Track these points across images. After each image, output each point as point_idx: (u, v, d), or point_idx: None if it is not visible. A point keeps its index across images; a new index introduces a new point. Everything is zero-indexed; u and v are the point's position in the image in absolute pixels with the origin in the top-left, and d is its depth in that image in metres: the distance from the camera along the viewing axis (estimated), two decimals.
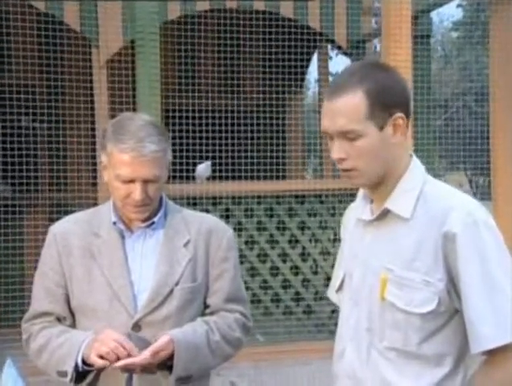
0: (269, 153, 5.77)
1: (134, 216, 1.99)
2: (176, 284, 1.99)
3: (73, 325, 2.05)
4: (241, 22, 5.14)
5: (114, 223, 2.02)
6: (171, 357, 1.89)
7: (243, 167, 5.10)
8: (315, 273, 5.22)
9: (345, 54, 5.73)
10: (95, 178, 5.17)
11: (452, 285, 1.61)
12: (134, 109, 5.04)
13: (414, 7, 4.09)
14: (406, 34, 3.63)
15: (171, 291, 1.98)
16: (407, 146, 1.79)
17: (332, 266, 5.01)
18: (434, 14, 28.53)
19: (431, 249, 1.61)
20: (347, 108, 1.61)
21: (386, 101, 1.63)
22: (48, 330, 2.02)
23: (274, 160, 5.64)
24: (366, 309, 1.69)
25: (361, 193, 1.85)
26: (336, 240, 5.16)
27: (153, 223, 2.03)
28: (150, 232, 2.04)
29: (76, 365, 1.90)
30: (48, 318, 2.04)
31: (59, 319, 2.04)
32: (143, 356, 1.83)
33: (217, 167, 5.19)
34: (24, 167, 5.08)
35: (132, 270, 2.00)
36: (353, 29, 5.29)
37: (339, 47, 5.55)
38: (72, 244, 2.03)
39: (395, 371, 1.65)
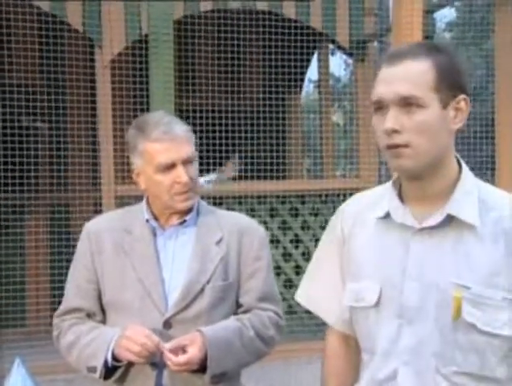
0: (269, 153, 5.79)
1: (182, 205, 1.98)
2: (208, 282, 1.99)
3: (103, 321, 2.06)
4: (242, 22, 5.16)
5: (147, 220, 2.03)
6: (203, 358, 1.88)
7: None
8: None
9: (347, 54, 5.75)
10: (96, 178, 5.17)
11: None
12: (138, 109, 5.05)
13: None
14: (418, 29, 3.64)
15: (202, 289, 1.98)
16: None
17: None
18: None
19: None
20: (413, 73, 1.44)
21: (454, 80, 1.47)
22: (78, 326, 2.03)
23: (274, 160, 5.66)
24: (432, 330, 1.47)
25: (380, 189, 1.67)
26: None
27: (185, 220, 2.03)
28: (182, 229, 2.04)
29: (106, 361, 1.91)
30: (78, 314, 2.06)
31: (89, 315, 2.05)
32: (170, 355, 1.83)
33: (219, 167, 5.22)
34: (25, 167, 5.07)
35: (163, 267, 2.00)
36: (354, 29, 5.31)
37: (341, 48, 5.57)
38: (104, 241, 2.04)
39: None
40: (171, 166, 1.94)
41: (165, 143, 1.93)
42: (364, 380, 1.61)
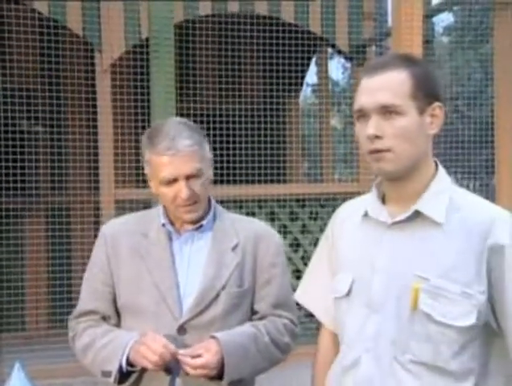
0: (268, 158, 5.80)
1: (187, 217, 1.99)
2: (223, 288, 1.97)
3: (118, 324, 2.06)
4: (242, 26, 5.17)
5: (163, 224, 2.03)
6: (220, 364, 1.87)
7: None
8: None
9: (346, 58, 5.77)
10: (96, 182, 5.17)
11: (490, 299, 1.54)
12: (138, 113, 5.06)
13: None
14: (417, 33, 3.66)
15: (217, 295, 1.97)
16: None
17: None
18: None
19: (473, 260, 1.53)
20: (391, 83, 1.56)
21: (429, 88, 1.59)
22: (93, 329, 2.03)
23: (274, 164, 5.67)
24: (391, 318, 1.58)
25: (368, 194, 1.76)
26: None
27: (201, 226, 2.03)
28: (198, 234, 2.03)
29: (121, 366, 1.91)
30: (94, 317, 2.06)
31: (104, 318, 2.06)
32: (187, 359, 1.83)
33: (219, 171, 5.22)
34: (26, 171, 5.08)
35: (179, 272, 1.99)
36: (354, 34, 5.32)
37: (340, 52, 5.58)
38: (120, 245, 2.05)
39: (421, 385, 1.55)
40: (173, 181, 1.94)
41: (167, 158, 1.93)
42: (333, 367, 1.73)
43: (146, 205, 4.78)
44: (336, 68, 19.35)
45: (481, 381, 1.58)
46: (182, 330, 1.95)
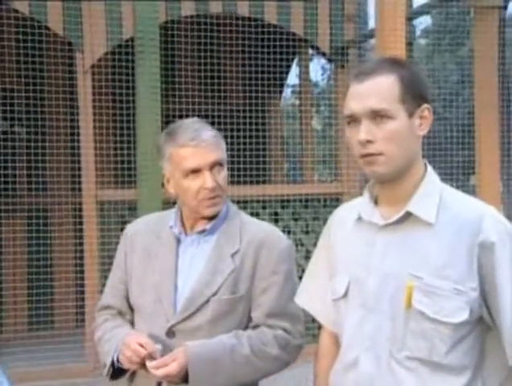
0: (248, 159, 5.80)
1: (209, 211, 1.99)
2: (214, 294, 1.96)
3: (133, 320, 2.11)
4: (223, 28, 5.17)
5: (171, 226, 2.05)
6: (186, 373, 1.89)
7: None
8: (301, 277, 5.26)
9: (328, 60, 5.80)
10: (76, 182, 5.13)
11: (483, 294, 1.58)
12: (119, 114, 5.02)
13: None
14: (401, 36, 3.70)
15: (207, 301, 1.96)
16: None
17: None
18: None
19: (464, 258, 1.57)
20: (380, 88, 1.59)
21: (417, 91, 1.62)
22: (106, 323, 2.10)
23: (254, 165, 5.67)
24: (387, 317, 1.62)
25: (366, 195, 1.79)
26: None
27: (204, 230, 2.03)
28: (203, 237, 2.03)
29: (113, 362, 1.97)
30: (111, 311, 2.13)
31: (120, 313, 2.12)
32: (152, 364, 1.86)
33: None
34: (2, 172, 5.02)
35: (180, 275, 2.00)
36: (335, 35, 5.35)
37: (322, 53, 5.61)
38: (136, 244, 2.09)
39: (418, 381, 1.59)
40: (197, 171, 1.95)
41: (191, 148, 1.94)
42: (335, 367, 1.76)
43: (130, 206, 4.76)
44: (316, 70, 19.42)
45: (476, 375, 1.62)
46: (171, 333, 1.96)
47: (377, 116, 1.59)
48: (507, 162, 5.33)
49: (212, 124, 2.14)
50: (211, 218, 2.02)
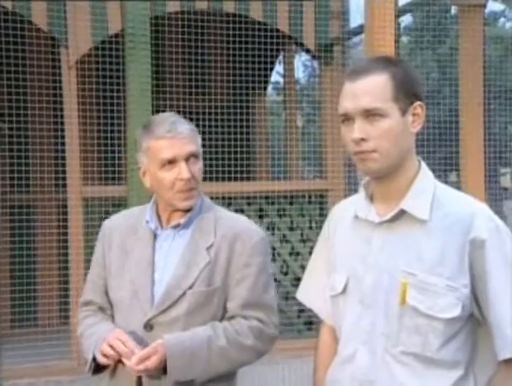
0: (233, 155, 5.80)
1: (183, 204, 2.02)
2: (190, 287, 2.00)
3: (113, 315, 2.12)
4: (206, 24, 5.15)
5: (147, 221, 2.07)
6: (164, 365, 1.92)
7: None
8: (286, 273, 5.28)
9: (313, 57, 5.80)
10: (60, 179, 5.09)
11: (473, 291, 1.62)
12: (104, 110, 5.00)
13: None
14: (390, 33, 3.73)
15: (184, 294, 2.00)
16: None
17: (301, 266, 5.05)
18: None
19: (456, 255, 1.61)
20: (373, 87, 1.62)
21: (410, 89, 1.65)
22: (87, 320, 2.13)
23: (238, 162, 5.66)
24: (382, 313, 1.67)
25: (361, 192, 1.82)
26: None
27: (179, 224, 2.06)
28: (178, 231, 2.07)
29: (94, 358, 1.99)
30: (92, 307, 2.16)
31: (101, 309, 2.14)
32: (132, 360, 1.88)
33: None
34: None
35: (156, 269, 2.04)
36: (320, 32, 5.36)
37: (307, 50, 5.61)
38: (114, 240, 2.11)
39: (412, 375, 1.63)
40: (173, 162, 1.99)
41: (168, 140, 1.98)
42: (334, 361, 1.81)
43: (114, 202, 4.74)
44: (298, 67, 19.44)
45: (468, 370, 1.67)
46: (149, 326, 2.00)
47: (371, 114, 1.62)
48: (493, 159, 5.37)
49: (197, 120, 2.17)
50: (186, 211, 2.05)
